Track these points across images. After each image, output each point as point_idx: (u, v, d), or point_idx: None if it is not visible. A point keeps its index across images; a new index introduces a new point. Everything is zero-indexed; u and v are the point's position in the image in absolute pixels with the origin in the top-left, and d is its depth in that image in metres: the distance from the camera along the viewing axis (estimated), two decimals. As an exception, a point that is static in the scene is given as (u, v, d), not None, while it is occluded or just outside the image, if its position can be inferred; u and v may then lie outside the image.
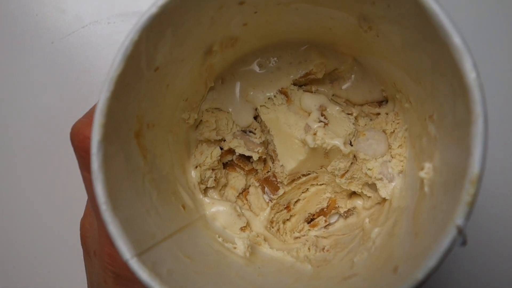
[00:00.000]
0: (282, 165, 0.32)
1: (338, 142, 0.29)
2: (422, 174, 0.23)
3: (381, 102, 0.33)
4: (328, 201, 0.34)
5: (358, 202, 0.33)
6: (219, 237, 0.29)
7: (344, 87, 0.33)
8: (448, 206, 0.19)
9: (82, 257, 0.32)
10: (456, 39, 0.18)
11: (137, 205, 0.23)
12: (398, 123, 0.30)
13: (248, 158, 0.33)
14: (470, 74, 0.18)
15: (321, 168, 0.32)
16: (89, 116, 0.27)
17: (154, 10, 0.20)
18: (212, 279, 0.24)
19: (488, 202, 0.39)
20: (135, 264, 0.20)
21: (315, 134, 0.30)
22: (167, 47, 0.23)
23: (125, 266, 0.27)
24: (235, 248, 0.29)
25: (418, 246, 0.20)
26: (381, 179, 0.29)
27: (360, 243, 0.28)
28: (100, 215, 0.21)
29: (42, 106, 0.44)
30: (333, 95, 0.33)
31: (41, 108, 0.44)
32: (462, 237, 0.18)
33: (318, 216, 0.34)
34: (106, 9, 0.44)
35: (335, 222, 0.35)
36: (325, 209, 0.34)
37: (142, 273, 0.20)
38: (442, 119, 0.22)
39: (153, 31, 0.21)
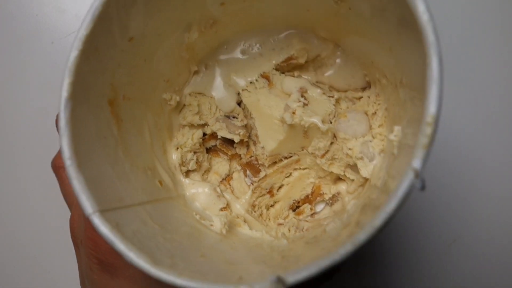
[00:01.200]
0: (263, 147, 0.32)
1: (316, 120, 0.29)
2: (391, 136, 0.23)
3: (364, 89, 0.33)
4: (313, 187, 0.33)
5: (342, 187, 0.33)
6: (196, 214, 0.29)
7: (327, 74, 0.34)
8: (408, 156, 0.19)
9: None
10: (408, -15, 0.18)
11: (106, 168, 0.23)
12: (379, 104, 0.30)
13: (232, 143, 0.33)
14: (423, 16, 0.18)
15: (302, 150, 0.32)
16: None
17: (121, -29, 0.21)
18: (181, 245, 0.23)
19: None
20: (96, 219, 0.20)
21: (294, 112, 0.30)
22: (141, 16, 0.24)
23: (107, 251, 0.27)
24: (211, 225, 0.28)
25: (381, 199, 0.20)
26: (361, 158, 0.29)
27: (335, 217, 0.27)
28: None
29: (41, 106, 0.45)
30: (316, 81, 0.33)
31: (40, 108, 0.45)
32: (420, 181, 0.18)
33: (304, 203, 0.33)
34: (106, 9, 0.45)
35: (321, 210, 0.34)
36: (310, 196, 0.33)
37: (104, 229, 0.20)
38: (409, 79, 0.22)
39: None
